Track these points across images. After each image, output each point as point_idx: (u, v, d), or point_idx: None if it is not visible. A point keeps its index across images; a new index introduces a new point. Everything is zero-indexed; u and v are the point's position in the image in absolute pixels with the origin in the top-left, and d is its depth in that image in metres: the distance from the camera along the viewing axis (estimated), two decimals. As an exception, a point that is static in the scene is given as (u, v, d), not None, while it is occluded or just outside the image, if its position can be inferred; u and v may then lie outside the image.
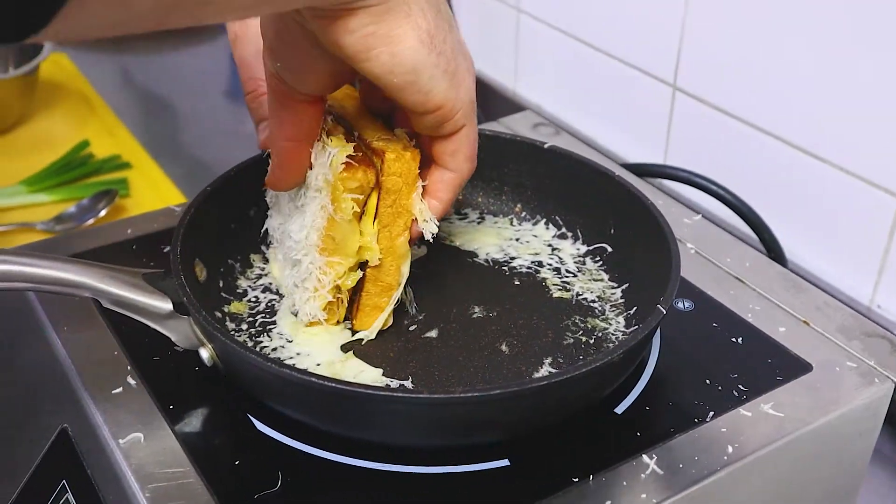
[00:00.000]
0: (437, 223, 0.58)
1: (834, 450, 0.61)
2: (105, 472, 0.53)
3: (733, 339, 0.64)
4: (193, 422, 0.56)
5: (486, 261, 0.70)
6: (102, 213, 0.93)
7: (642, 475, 0.53)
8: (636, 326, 0.61)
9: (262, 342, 0.61)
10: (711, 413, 0.57)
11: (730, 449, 0.55)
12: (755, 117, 0.84)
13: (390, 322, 0.62)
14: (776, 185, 0.84)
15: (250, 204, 0.69)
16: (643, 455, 0.54)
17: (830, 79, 0.77)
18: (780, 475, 0.58)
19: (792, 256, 0.84)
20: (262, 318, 0.63)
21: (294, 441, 0.54)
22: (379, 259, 0.58)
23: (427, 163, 0.57)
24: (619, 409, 0.57)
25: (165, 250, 0.69)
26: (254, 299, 0.65)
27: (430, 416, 0.52)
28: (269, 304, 0.64)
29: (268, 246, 0.68)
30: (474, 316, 0.64)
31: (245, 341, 0.60)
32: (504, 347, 0.61)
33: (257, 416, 0.56)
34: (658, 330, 0.63)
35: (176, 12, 0.37)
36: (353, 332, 0.61)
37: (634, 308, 0.64)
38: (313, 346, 0.60)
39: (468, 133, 0.55)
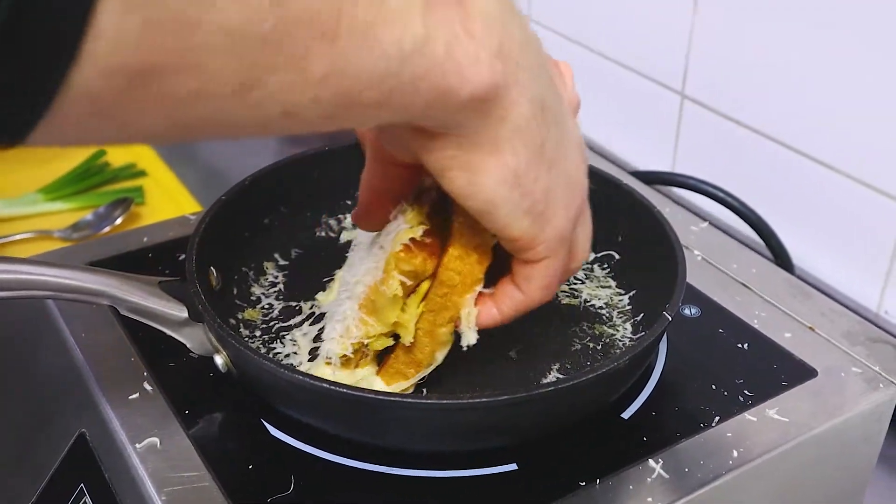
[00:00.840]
0: (478, 334, 0.55)
1: (839, 454, 0.62)
2: (122, 475, 0.55)
3: (739, 345, 0.64)
4: (208, 426, 0.57)
5: (496, 268, 0.70)
6: (119, 220, 0.94)
7: (648, 479, 0.54)
8: (643, 333, 0.62)
9: (275, 348, 0.62)
10: (717, 418, 0.58)
11: (735, 453, 0.56)
12: (762, 125, 0.85)
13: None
14: (784, 192, 0.85)
15: (264, 213, 0.70)
16: (649, 459, 0.55)
17: (837, 86, 0.78)
18: (786, 479, 0.59)
19: (800, 263, 0.84)
20: (276, 324, 0.64)
21: (306, 445, 0.56)
22: (412, 340, 0.55)
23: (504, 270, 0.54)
24: (626, 415, 0.58)
25: (181, 258, 0.70)
26: (267, 306, 0.66)
27: (439, 422, 0.53)
28: (283, 311, 0.65)
29: (280, 254, 0.69)
30: (483, 323, 0.64)
31: (258, 348, 0.61)
32: (512, 354, 0.62)
33: (270, 420, 0.57)
34: (664, 336, 0.64)
35: (189, 132, 0.36)
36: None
37: (642, 314, 0.65)
38: (325, 352, 0.61)
39: (549, 265, 0.51)
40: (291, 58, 0.34)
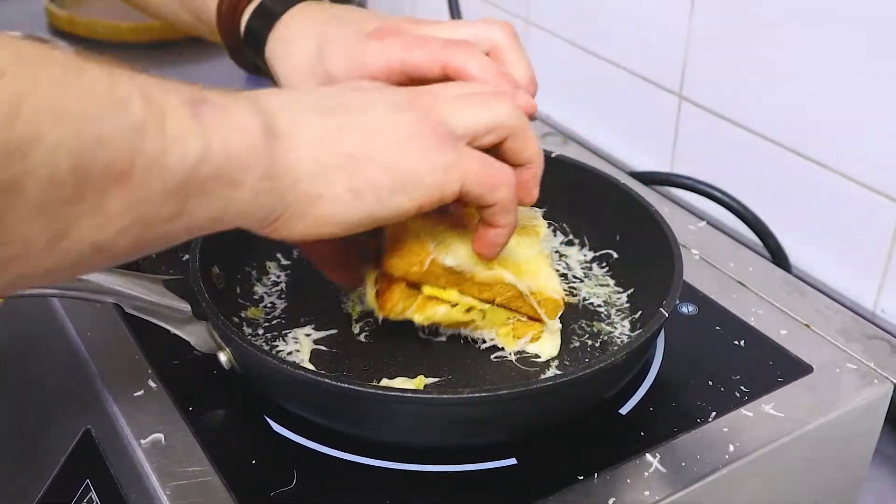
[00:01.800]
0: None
1: (834, 449, 0.62)
2: (127, 471, 0.55)
3: (736, 342, 0.65)
4: (211, 423, 0.58)
5: (495, 267, 0.71)
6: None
7: (645, 473, 0.54)
8: (640, 330, 0.63)
9: (277, 346, 0.62)
10: (713, 413, 0.59)
11: (731, 448, 0.56)
12: (759, 126, 0.86)
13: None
14: (780, 191, 0.85)
15: (266, 213, 0.71)
16: (646, 454, 0.56)
17: (833, 86, 0.78)
18: (782, 474, 0.59)
19: (797, 262, 0.85)
20: (278, 322, 0.65)
21: (308, 441, 0.56)
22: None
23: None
24: (624, 410, 0.59)
25: (184, 258, 0.71)
26: (270, 305, 0.66)
27: (440, 417, 0.54)
28: (284, 310, 0.66)
29: (284, 254, 0.70)
30: (483, 320, 0.65)
31: (261, 345, 0.62)
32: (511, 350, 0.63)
33: (273, 416, 0.58)
34: (661, 333, 0.64)
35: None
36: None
37: (639, 312, 0.66)
38: (327, 349, 0.62)
39: (481, 191, 0.51)
40: (93, 205, 0.37)
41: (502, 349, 0.62)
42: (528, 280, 0.60)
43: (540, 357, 0.62)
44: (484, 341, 0.62)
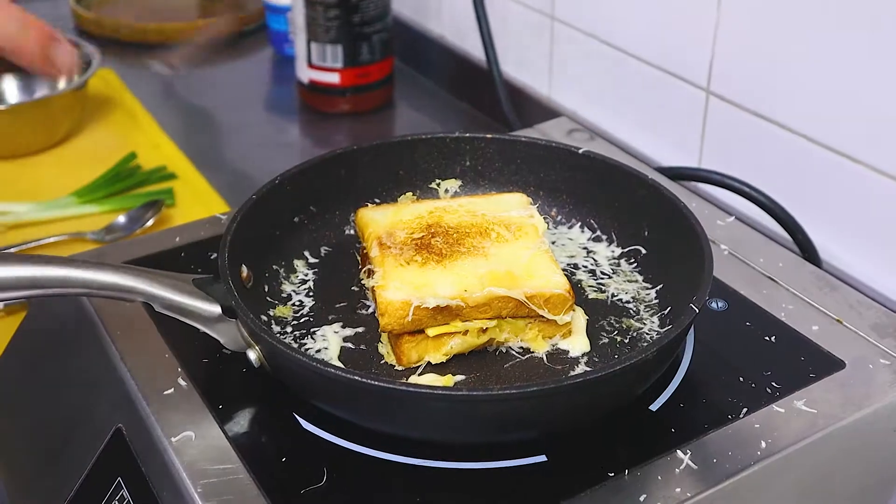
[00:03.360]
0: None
1: (867, 445, 0.62)
2: (158, 469, 0.56)
3: (766, 338, 0.65)
4: (241, 421, 0.58)
5: (523, 264, 0.71)
6: (150, 222, 0.95)
7: (676, 470, 0.54)
8: (670, 326, 0.63)
9: (305, 344, 0.63)
10: (745, 410, 0.58)
11: (763, 444, 0.56)
12: (787, 119, 0.85)
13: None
14: (810, 186, 0.85)
15: (294, 211, 0.71)
16: (677, 450, 0.55)
17: (862, 79, 0.78)
18: (814, 471, 0.59)
19: (827, 257, 0.84)
20: (306, 320, 0.65)
21: (338, 438, 0.56)
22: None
23: None
24: (654, 407, 0.59)
25: (213, 257, 0.72)
26: (298, 303, 0.67)
27: (470, 414, 0.54)
28: (313, 308, 0.66)
29: (312, 252, 0.71)
30: (511, 317, 0.65)
31: (290, 343, 0.62)
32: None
33: (302, 414, 0.58)
34: (692, 329, 0.64)
35: None
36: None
37: (668, 308, 0.65)
38: (356, 347, 0.62)
39: None
40: None
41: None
42: (529, 282, 0.61)
43: (570, 353, 0.62)
44: (519, 348, 0.63)
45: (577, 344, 0.62)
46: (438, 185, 0.77)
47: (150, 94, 1.26)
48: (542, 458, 0.55)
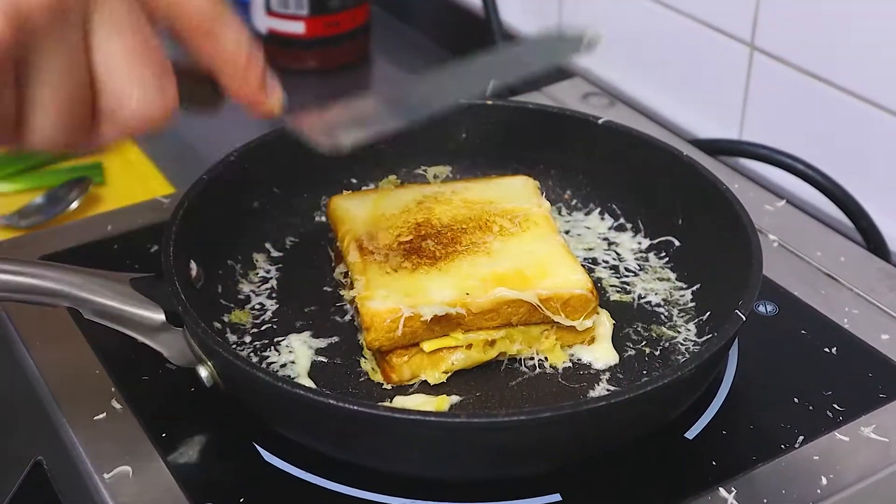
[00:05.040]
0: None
1: (948, 480, 0.62)
2: (88, 511, 0.55)
3: (826, 350, 0.64)
4: (190, 452, 0.58)
5: (531, 258, 0.71)
6: (74, 204, 0.95)
7: (719, 512, 0.54)
8: (710, 335, 0.63)
9: (268, 357, 0.62)
10: (801, 438, 0.58)
11: (824, 480, 0.56)
12: (849, 81, 0.85)
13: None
14: (875, 162, 0.84)
15: (253, 195, 0.71)
16: (720, 487, 0.55)
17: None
18: (885, 511, 0.59)
19: None
20: (269, 327, 0.64)
21: (307, 473, 0.56)
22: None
23: None
24: (691, 434, 0.59)
25: (153, 250, 0.71)
26: (258, 307, 0.66)
27: (467, 445, 0.53)
28: (276, 312, 0.66)
29: (273, 244, 0.70)
30: (517, 324, 0.65)
31: (249, 356, 0.62)
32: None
33: (264, 444, 0.57)
34: (736, 339, 0.64)
35: None
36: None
37: (707, 313, 0.65)
38: (328, 361, 0.62)
39: None
40: None
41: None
42: (543, 281, 0.61)
43: (593, 365, 0.62)
44: (531, 359, 0.63)
45: (601, 354, 0.62)
46: (425, 171, 0.77)
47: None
48: (557, 496, 0.55)
